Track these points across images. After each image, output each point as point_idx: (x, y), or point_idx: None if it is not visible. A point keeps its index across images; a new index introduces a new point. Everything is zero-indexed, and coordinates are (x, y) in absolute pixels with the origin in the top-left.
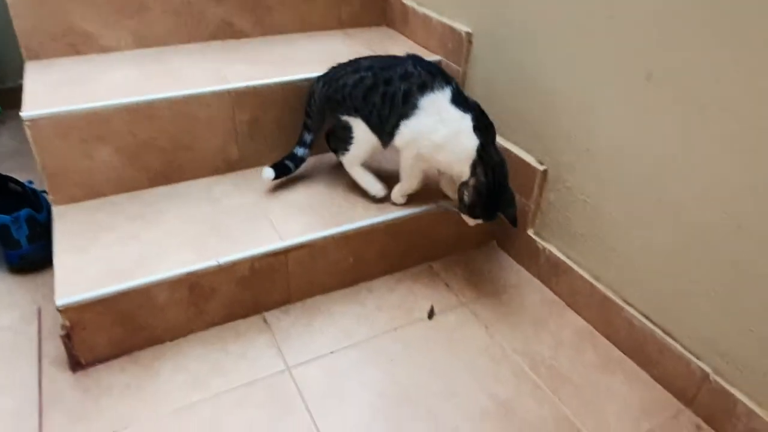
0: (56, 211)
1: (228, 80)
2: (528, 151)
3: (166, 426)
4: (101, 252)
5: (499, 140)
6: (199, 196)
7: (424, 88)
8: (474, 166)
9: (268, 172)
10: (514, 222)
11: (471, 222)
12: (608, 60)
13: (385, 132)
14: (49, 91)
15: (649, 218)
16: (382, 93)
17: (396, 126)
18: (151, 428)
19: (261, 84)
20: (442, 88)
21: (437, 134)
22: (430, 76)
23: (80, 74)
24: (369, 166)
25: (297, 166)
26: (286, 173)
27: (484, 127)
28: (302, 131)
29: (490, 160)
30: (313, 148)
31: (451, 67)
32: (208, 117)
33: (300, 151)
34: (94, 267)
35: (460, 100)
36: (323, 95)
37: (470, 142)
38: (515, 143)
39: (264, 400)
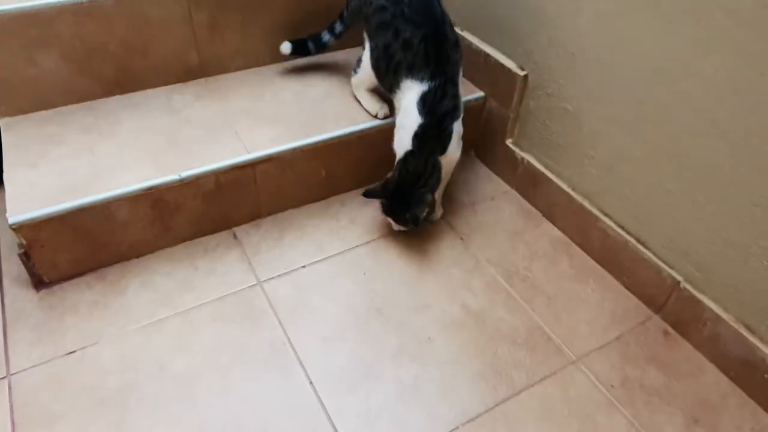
0: (3, 123)
1: None
2: (509, 56)
3: (135, 342)
4: (54, 166)
5: (479, 44)
6: (158, 106)
7: (410, 71)
8: (397, 164)
9: (286, 46)
10: (413, 221)
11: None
12: None
13: (379, 78)
14: None
15: (629, 125)
16: (386, 43)
17: (390, 90)
18: (120, 344)
19: None
20: (423, 80)
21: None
22: (425, 60)
23: None
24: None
25: (318, 51)
26: (304, 54)
27: (425, 139)
28: (336, 18)
29: (407, 167)
30: (339, 39)
31: None
32: (160, 18)
33: (326, 37)
34: (47, 182)
35: (429, 102)
36: (357, 3)
37: (406, 144)
38: (495, 47)
39: (235, 314)
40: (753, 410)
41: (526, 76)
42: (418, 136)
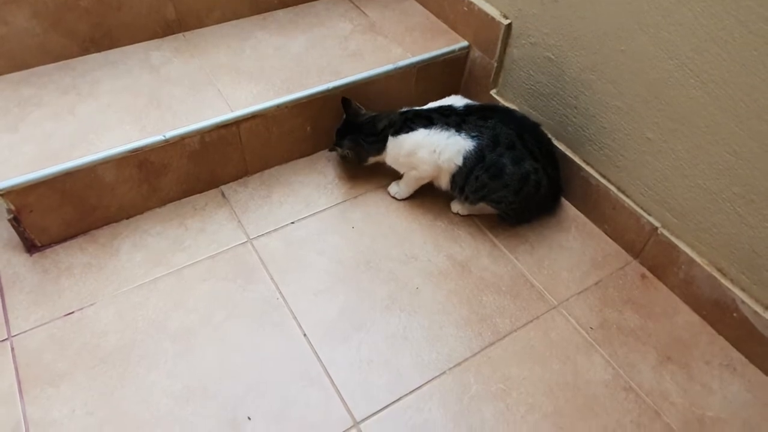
0: None
1: None
2: (491, 4)
3: (132, 301)
4: (35, 130)
5: None
6: (136, 63)
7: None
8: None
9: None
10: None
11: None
12: None
13: None
14: None
15: (611, 74)
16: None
17: None
18: (117, 304)
19: None
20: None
21: None
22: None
23: None
24: None
25: None
26: None
27: (394, 119)
28: None
29: (373, 117)
30: None
31: None
32: None
33: None
34: (30, 146)
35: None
36: None
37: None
38: None
39: (227, 272)
40: (722, 346)
41: (509, 24)
42: (403, 113)
